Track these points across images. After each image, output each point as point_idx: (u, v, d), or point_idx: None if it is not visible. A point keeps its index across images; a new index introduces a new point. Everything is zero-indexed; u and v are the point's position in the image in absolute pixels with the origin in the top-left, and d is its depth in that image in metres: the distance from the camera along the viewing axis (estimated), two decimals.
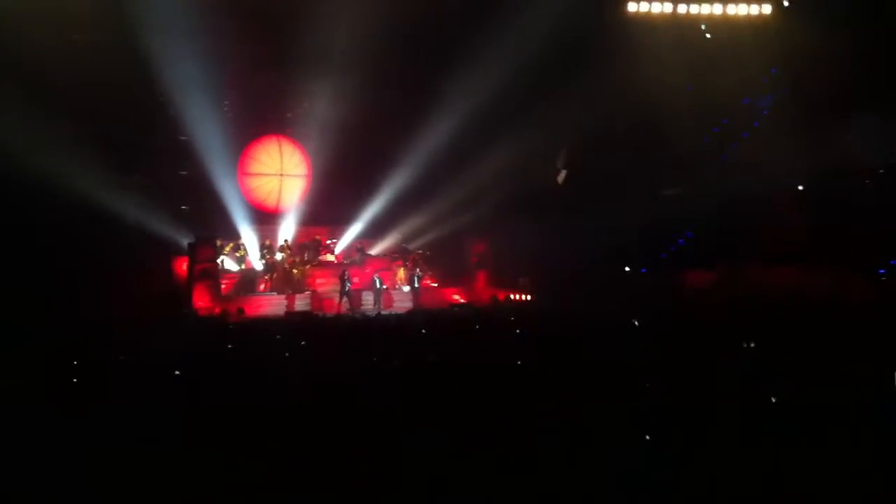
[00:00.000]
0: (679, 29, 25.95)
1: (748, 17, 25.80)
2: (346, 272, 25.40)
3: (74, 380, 9.78)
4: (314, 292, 25.45)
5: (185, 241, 23.93)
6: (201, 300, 23.00)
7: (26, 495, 5.66)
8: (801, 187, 23.69)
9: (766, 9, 25.69)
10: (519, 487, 5.56)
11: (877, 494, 5.24)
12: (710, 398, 7.24)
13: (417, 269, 26.60)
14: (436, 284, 27.80)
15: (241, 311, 22.14)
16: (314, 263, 27.32)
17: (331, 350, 12.73)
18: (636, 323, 14.39)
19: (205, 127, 24.46)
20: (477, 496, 5.48)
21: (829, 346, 9.31)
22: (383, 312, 23.13)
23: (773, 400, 7.52)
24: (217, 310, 22.35)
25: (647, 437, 6.29)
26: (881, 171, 22.59)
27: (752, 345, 10.76)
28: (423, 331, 15.60)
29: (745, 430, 6.42)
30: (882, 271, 19.17)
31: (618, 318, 15.33)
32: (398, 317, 20.27)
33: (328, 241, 28.60)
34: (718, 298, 18.77)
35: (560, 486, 5.55)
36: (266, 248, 27.26)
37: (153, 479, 5.86)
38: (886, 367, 7.78)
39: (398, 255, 28.42)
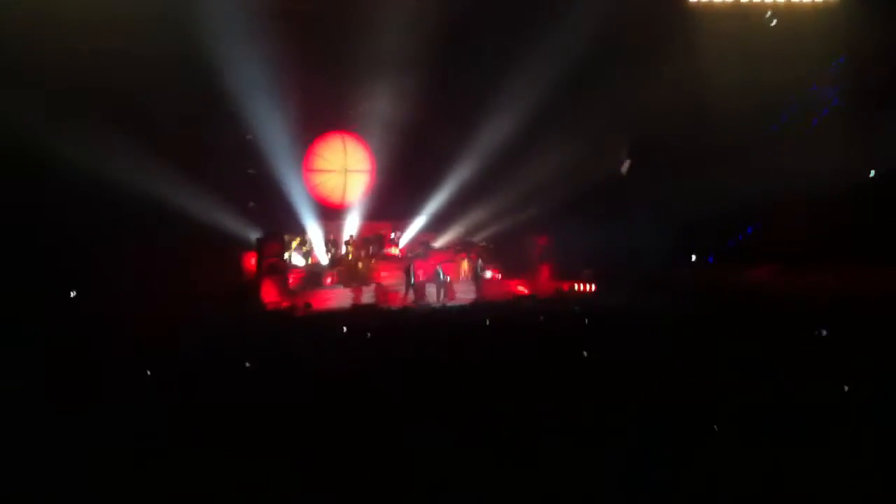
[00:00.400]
0: (744, 18, 25.49)
1: (814, 4, 25.23)
2: (411, 265, 25.74)
3: (148, 373, 10.15)
4: (379, 285, 25.79)
5: (253, 237, 24.47)
6: (269, 294, 23.48)
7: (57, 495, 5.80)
8: (871, 174, 23.10)
9: None
10: (530, 485, 5.61)
11: (877, 494, 5.15)
12: (759, 395, 7.18)
13: (480, 261, 26.76)
14: (499, 276, 27.90)
15: (308, 305, 22.63)
16: (379, 257, 27.67)
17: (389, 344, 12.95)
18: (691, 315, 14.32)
19: (271, 126, 24.93)
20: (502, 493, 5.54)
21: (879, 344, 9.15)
22: (447, 304, 23.36)
23: (845, 388, 7.42)
24: (285, 303, 22.86)
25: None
26: None
27: (824, 332, 10.64)
28: (487, 322, 15.76)
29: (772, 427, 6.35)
30: None
31: (675, 312, 15.21)
32: (461, 308, 20.50)
33: (392, 235, 28.91)
34: (778, 294, 18.41)
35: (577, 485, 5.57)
36: (331, 243, 27.73)
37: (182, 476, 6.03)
38: None
39: (462, 247, 28.59)
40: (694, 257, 25.37)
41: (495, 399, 7.65)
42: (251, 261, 24.56)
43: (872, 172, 23.24)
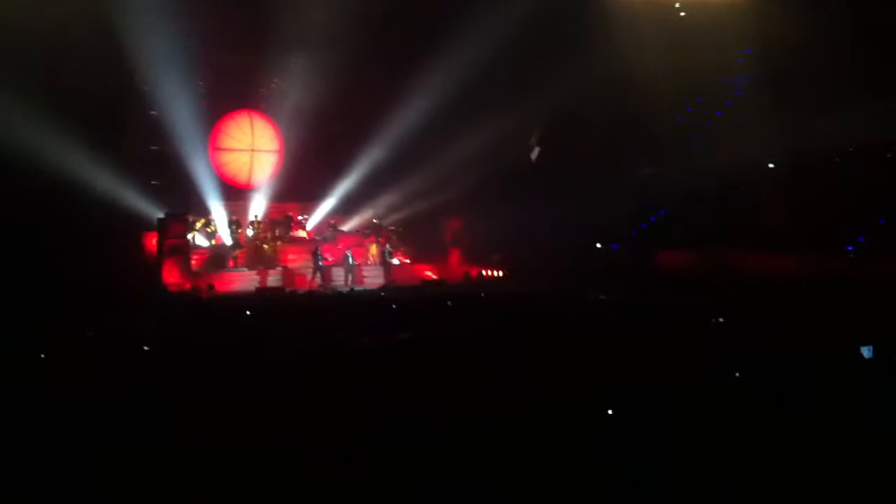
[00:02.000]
0: (655, 8, 25.89)
1: None
2: (318, 248, 25.41)
3: (42, 357, 9.69)
4: (286, 268, 25.37)
5: (155, 217, 23.69)
6: (171, 276, 22.85)
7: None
8: (771, 165, 23.85)
9: None
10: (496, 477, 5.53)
11: (877, 494, 5.19)
12: (678, 384, 7.24)
13: (388, 246, 26.62)
14: (408, 261, 27.80)
15: (211, 287, 22.11)
16: (285, 239, 27.21)
17: (302, 328, 12.70)
18: (603, 299, 14.50)
19: (176, 102, 24.15)
20: (460, 487, 5.44)
21: (801, 326, 9.38)
22: (356, 288, 23.14)
23: (738, 376, 7.54)
24: (187, 285, 22.27)
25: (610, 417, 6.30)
26: (850, 149, 22.80)
27: (721, 321, 10.85)
28: (394, 306, 15.64)
29: (714, 416, 6.41)
30: (850, 248, 19.46)
31: (587, 297, 15.39)
32: (369, 292, 20.32)
33: (300, 217, 28.48)
34: (690, 279, 18.87)
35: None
36: (236, 224, 27.13)
37: (129, 469, 5.78)
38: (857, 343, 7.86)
39: (370, 231, 28.38)
40: (599, 245, 25.74)
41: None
42: (152, 241, 23.77)
43: (771, 164, 24.01)
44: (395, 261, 27.17)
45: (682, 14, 26.14)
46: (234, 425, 6.45)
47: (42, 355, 9.71)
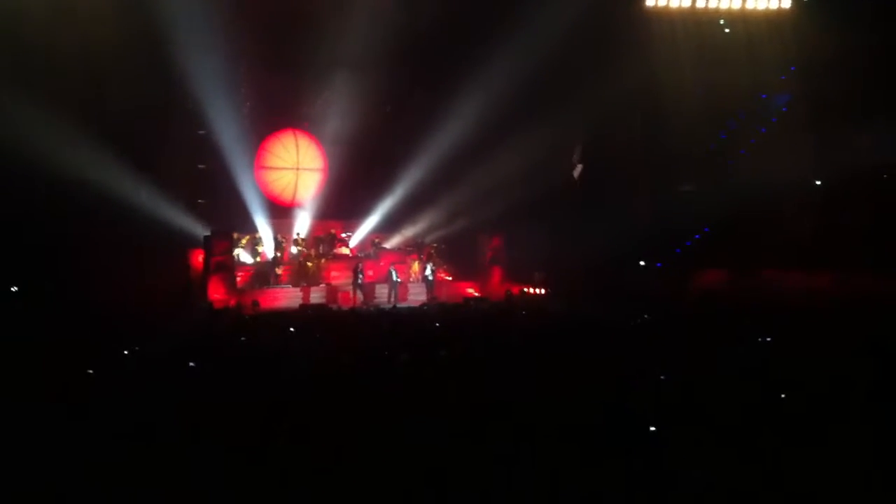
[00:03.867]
0: (697, 24, 25.79)
1: (767, 12, 25.61)
2: (360, 265, 25.59)
3: (89, 373, 9.86)
4: (329, 285, 25.56)
5: (201, 234, 24.07)
6: (216, 292, 23.13)
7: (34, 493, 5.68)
8: (818, 182, 23.54)
9: (786, 3, 25.50)
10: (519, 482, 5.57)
11: (876, 493, 5.19)
12: (716, 398, 7.20)
13: (431, 263, 26.69)
14: (450, 278, 27.85)
15: (255, 303, 22.36)
16: (329, 257, 27.41)
17: (344, 343, 12.78)
18: (645, 318, 14.37)
19: (222, 121, 24.54)
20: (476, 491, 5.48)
21: (836, 343, 9.25)
22: (398, 305, 23.24)
23: (783, 396, 7.47)
24: (232, 302, 22.54)
25: (650, 433, 6.28)
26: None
27: (765, 340, 10.72)
28: (437, 324, 15.68)
29: (747, 429, 6.38)
30: None
31: (628, 316, 15.26)
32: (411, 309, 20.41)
33: (343, 235, 28.67)
34: (731, 298, 18.65)
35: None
36: (281, 241, 27.42)
37: (158, 473, 5.90)
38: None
39: (413, 248, 28.48)
40: (643, 263, 25.57)
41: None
42: (198, 258, 24.14)
43: (818, 182, 23.71)
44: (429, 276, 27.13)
45: (726, 30, 25.97)
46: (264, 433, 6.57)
47: (90, 371, 9.90)
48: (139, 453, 6.23)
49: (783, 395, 7.53)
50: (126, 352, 11.69)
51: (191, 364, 10.59)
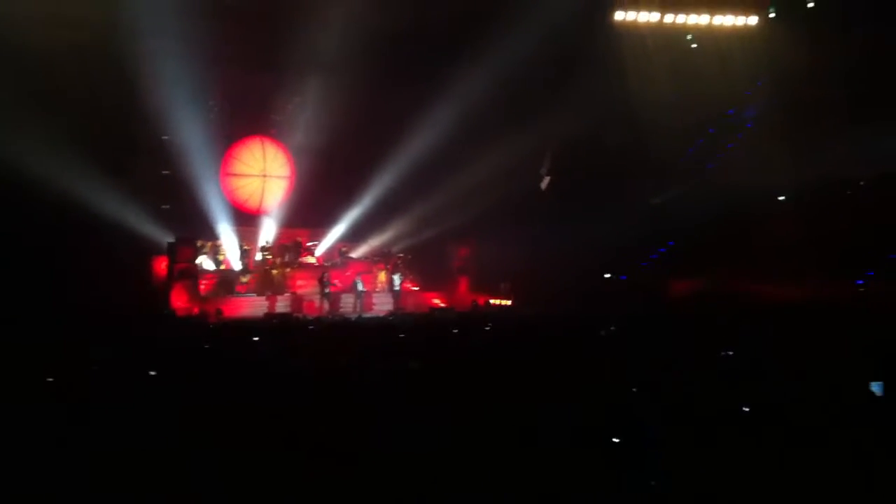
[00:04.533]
0: (666, 38, 26.05)
1: (734, 28, 25.95)
2: (326, 274, 25.39)
3: (49, 380, 9.64)
4: (294, 294, 25.33)
5: (165, 241, 23.74)
6: (180, 300, 22.84)
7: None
8: (781, 198, 23.81)
9: (753, 20, 25.87)
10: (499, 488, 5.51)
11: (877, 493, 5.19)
12: (683, 404, 7.20)
13: (398, 273, 26.57)
14: (417, 288, 27.75)
15: (219, 311, 22.08)
16: (294, 265, 27.18)
17: (309, 353, 12.64)
18: (612, 329, 14.38)
19: (188, 126, 24.30)
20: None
21: (807, 354, 9.29)
22: (364, 315, 23.09)
23: (746, 409, 7.46)
24: (195, 310, 22.24)
25: (618, 440, 6.25)
26: (861, 182, 22.76)
27: (731, 353, 10.76)
28: (402, 335, 15.55)
29: (719, 439, 6.37)
30: (860, 282, 19.35)
31: (596, 324, 15.27)
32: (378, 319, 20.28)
33: (309, 244, 28.46)
34: (699, 307, 18.76)
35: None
36: (246, 249, 27.15)
37: (127, 480, 5.78)
38: (863, 374, 7.78)
39: (379, 258, 28.34)
40: (608, 275, 25.67)
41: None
42: (162, 265, 23.80)
43: (782, 197, 23.97)
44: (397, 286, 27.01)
45: (693, 45, 26.26)
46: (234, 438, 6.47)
47: (49, 379, 9.67)
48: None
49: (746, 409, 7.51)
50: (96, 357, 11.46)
51: (151, 373, 10.37)
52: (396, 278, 26.45)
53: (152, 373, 10.34)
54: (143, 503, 5.57)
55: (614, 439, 6.38)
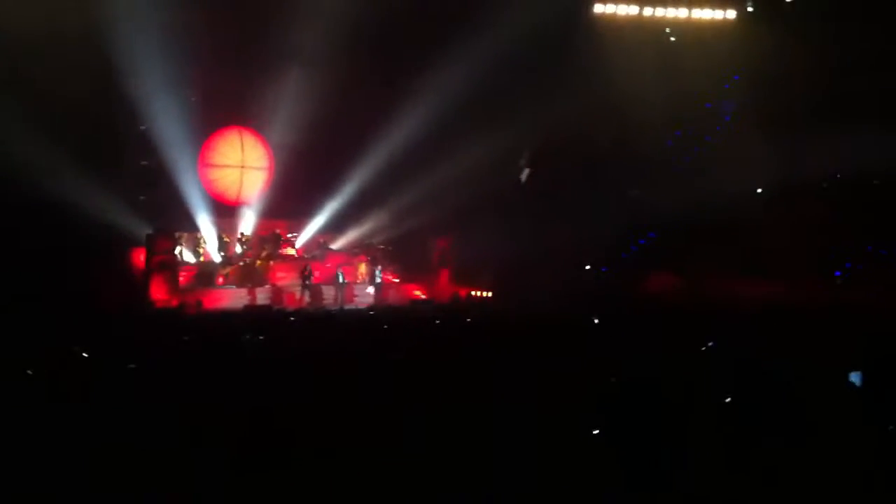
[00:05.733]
0: (644, 32, 26.12)
1: (712, 22, 26.06)
2: (308, 266, 25.30)
3: (29, 373, 9.54)
4: (274, 286, 25.23)
5: (143, 233, 23.55)
6: (159, 292, 22.71)
7: None
8: (759, 190, 23.98)
9: (731, 14, 25.99)
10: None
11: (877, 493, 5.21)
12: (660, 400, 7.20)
13: (379, 266, 26.55)
14: (397, 280, 27.72)
15: (199, 303, 21.98)
16: (275, 257, 27.07)
17: (291, 346, 12.59)
18: (594, 321, 14.42)
19: (166, 117, 24.09)
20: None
21: (785, 349, 9.34)
22: (345, 307, 23.06)
23: (728, 400, 7.47)
24: (175, 302, 22.12)
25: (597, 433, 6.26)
26: (838, 176, 22.96)
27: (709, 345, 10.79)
28: (385, 326, 15.54)
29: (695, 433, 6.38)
30: (837, 273, 19.55)
31: (576, 317, 15.30)
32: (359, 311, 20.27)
33: (289, 235, 28.34)
34: (677, 301, 18.86)
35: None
36: (225, 241, 27.01)
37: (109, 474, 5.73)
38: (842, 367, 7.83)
39: (360, 250, 28.28)
40: (588, 266, 25.76)
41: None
42: (140, 257, 23.62)
43: (759, 189, 24.15)
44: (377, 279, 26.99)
45: (672, 39, 26.34)
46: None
47: (28, 371, 9.57)
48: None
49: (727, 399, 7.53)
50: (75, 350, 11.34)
51: (130, 366, 10.28)
52: (377, 271, 26.44)
53: (131, 365, 10.27)
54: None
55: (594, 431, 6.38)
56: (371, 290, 26.23)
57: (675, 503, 5.30)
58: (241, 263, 26.17)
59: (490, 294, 25.28)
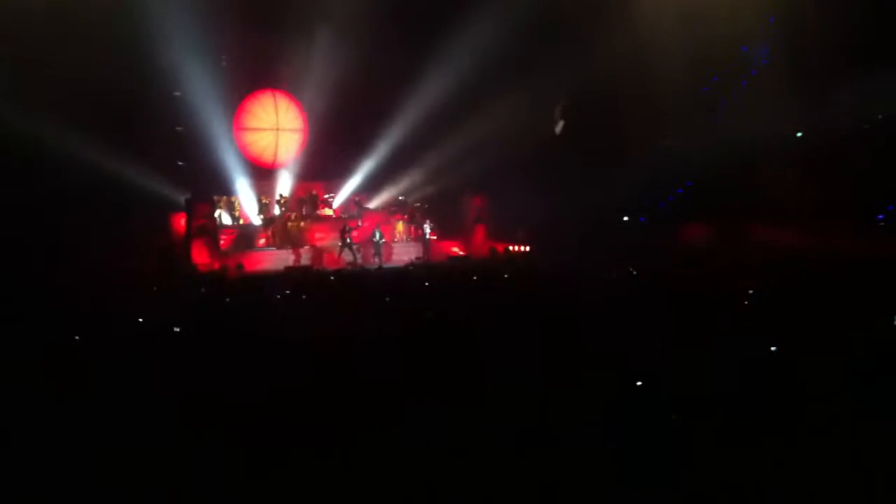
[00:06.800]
0: None
1: None
2: (347, 225, 25.46)
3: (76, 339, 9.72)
4: (313, 247, 25.45)
5: (182, 198, 23.85)
6: (200, 256, 23.04)
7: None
8: (798, 134, 23.48)
9: None
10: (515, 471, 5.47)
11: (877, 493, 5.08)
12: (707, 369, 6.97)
13: (428, 221, 26.77)
14: (435, 237, 27.81)
15: (240, 266, 22.24)
16: (312, 217, 27.27)
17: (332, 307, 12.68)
18: (633, 275, 14.30)
19: (199, 82, 24.21)
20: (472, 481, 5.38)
21: (830, 301, 9.02)
22: (384, 266, 23.22)
23: (773, 349, 7.20)
24: (216, 265, 22.44)
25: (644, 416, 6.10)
26: (879, 118, 22.38)
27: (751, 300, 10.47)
28: (427, 283, 15.61)
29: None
30: (881, 217, 19.17)
31: (614, 273, 15.14)
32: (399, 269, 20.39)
33: (326, 196, 28.51)
34: (717, 255, 18.52)
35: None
36: (263, 203, 27.27)
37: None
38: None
39: (397, 208, 28.38)
40: (626, 218, 25.58)
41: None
42: (181, 222, 23.96)
43: (799, 133, 23.66)
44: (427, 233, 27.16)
45: None
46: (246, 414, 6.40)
47: (75, 338, 9.75)
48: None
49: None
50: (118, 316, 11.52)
51: (175, 329, 10.45)
52: (426, 226, 26.69)
53: (176, 329, 10.42)
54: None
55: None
56: (410, 247, 26.40)
57: (675, 502, 5.22)
58: (280, 225, 26.37)
59: (527, 248, 25.26)
